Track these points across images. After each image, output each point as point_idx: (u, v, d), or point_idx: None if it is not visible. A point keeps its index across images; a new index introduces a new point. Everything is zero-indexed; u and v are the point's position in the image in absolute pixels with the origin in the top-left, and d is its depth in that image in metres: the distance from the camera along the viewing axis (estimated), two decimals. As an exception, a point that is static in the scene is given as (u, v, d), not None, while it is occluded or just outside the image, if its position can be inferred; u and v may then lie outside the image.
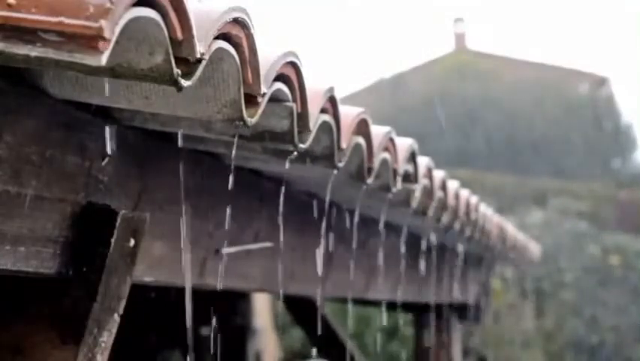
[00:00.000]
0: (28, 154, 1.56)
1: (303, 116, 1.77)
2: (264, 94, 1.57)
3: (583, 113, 21.60)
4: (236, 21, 1.43)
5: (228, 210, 2.10)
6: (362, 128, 2.13)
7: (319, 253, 2.65)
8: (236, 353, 6.13)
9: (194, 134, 1.85)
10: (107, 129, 1.77)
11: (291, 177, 2.49)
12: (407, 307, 4.86)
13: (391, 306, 4.03)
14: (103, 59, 1.13)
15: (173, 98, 1.50)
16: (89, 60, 1.13)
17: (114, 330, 1.78)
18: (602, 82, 23.42)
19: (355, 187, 2.38)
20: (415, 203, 2.72)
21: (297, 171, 2.10)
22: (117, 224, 1.72)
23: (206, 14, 1.36)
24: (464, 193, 3.62)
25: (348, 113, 2.05)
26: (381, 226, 3.16)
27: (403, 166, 2.47)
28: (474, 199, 3.85)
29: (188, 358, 5.55)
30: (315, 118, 1.82)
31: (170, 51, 1.28)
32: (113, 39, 1.13)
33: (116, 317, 1.78)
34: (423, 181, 2.73)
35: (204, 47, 1.33)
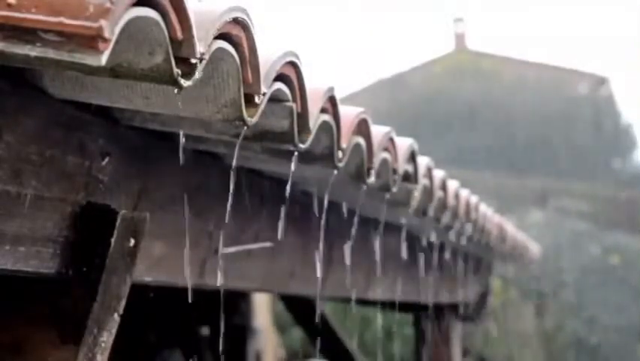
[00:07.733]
0: (28, 154, 1.56)
1: (303, 116, 1.77)
2: (264, 94, 1.57)
3: (583, 113, 21.58)
4: (236, 21, 1.43)
5: (228, 210, 2.10)
6: (362, 128, 2.13)
7: (319, 253, 2.65)
8: (236, 353, 6.12)
9: (194, 134, 1.85)
10: (107, 129, 1.77)
11: (291, 177, 2.48)
12: (407, 307, 4.86)
13: (391, 306, 4.02)
14: (103, 59, 1.13)
15: (173, 98, 1.50)
16: (89, 60, 1.13)
17: (114, 330, 1.78)
18: (602, 82, 23.38)
19: (355, 187, 2.37)
20: (415, 203, 2.72)
21: (297, 171, 2.10)
22: (117, 224, 1.72)
23: (206, 14, 1.36)
24: (464, 193, 3.62)
25: (348, 113, 2.05)
26: (381, 225, 3.15)
27: (402, 166, 2.47)
28: (474, 199, 3.85)
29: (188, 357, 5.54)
30: (315, 118, 1.82)
31: (170, 51, 1.28)
32: (113, 39, 1.13)
33: (116, 317, 1.78)
34: (423, 181, 2.73)
35: (204, 46, 1.33)
